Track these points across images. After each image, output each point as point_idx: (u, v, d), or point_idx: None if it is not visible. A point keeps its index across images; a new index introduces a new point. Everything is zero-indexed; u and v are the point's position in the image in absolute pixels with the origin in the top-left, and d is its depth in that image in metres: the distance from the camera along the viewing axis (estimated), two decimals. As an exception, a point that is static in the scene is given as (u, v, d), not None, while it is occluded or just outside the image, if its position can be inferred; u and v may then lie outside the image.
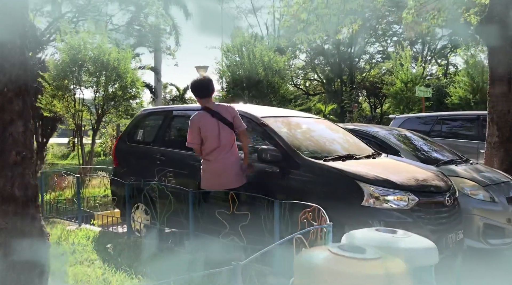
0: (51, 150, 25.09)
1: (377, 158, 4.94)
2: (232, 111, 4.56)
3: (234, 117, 4.54)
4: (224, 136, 4.47)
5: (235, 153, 4.56)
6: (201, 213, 4.60)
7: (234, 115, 4.55)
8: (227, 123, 4.48)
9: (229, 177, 4.46)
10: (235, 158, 4.53)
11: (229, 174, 4.47)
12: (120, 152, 6.35)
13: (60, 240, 5.11)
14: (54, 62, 10.76)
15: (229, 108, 4.59)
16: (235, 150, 4.57)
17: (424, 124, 9.52)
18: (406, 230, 3.87)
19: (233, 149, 4.55)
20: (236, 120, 4.53)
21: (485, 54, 21.63)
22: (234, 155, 4.54)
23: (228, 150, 4.50)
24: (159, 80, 26.01)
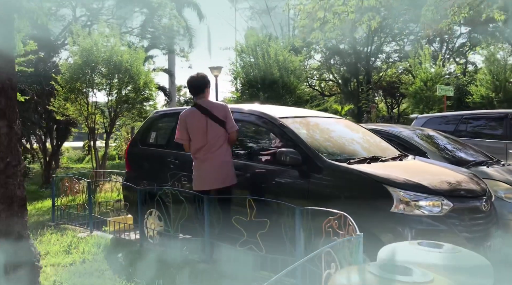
0: (67, 154, 25.17)
1: (404, 159, 4.61)
2: (224, 110, 4.48)
3: (227, 116, 4.46)
4: (212, 134, 4.39)
5: (225, 152, 4.44)
6: (217, 219, 4.32)
7: (226, 114, 4.46)
8: (218, 122, 4.40)
9: (217, 176, 4.38)
10: (224, 157, 4.42)
11: (218, 173, 4.38)
12: (132, 156, 6.12)
13: (70, 248, 4.89)
14: (67, 64, 10.63)
15: (221, 106, 4.52)
16: (225, 149, 4.45)
17: (448, 123, 9.10)
18: (439, 239, 3.57)
19: (223, 148, 4.43)
20: (229, 120, 4.46)
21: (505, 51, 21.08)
22: (223, 154, 4.42)
23: (216, 148, 4.40)
24: (173, 83, 25.92)
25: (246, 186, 4.59)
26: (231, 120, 4.47)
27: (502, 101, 17.14)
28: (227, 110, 4.48)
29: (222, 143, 4.43)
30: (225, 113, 4.46)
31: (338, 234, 3.15)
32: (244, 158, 4.79)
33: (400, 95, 32.47)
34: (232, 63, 14.26)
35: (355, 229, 2.80)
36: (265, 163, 4.57)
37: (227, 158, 4.45)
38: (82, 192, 6.66)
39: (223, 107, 4.50)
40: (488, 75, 17.85)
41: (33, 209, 7.96)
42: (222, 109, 4.48)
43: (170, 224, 4.79)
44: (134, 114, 10.82)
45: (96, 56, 10.11)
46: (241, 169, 4.63)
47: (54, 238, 5.42)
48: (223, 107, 4.50)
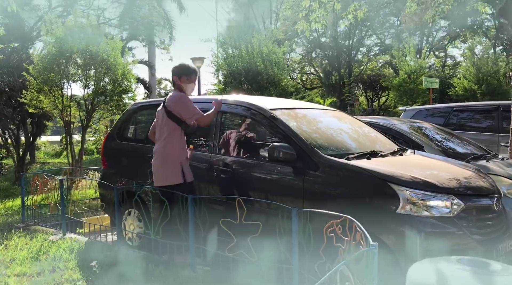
0: (44, 148, 24.35)
1: (404, 154, 4.28)
2: (173, 103, 4.17)
3: (179, 110, 4.15)
4: (161, 128, 4.25)
5: (170, 147, 4.18)
6: (203, 222, 3.92)
7: (177, 107, 4.15)
8: (169, 115, 4.17)
9: (159, 172, 4.21)
10: (164, 154, 4.18)
11: (159, 169, 4.21)
12: (109, 151, 5.65)
13: (40, 254, 4.43)
14: (40, 55, 10.01)
15: (173, 99, 4.20)
16: (171, 144, 4.18)
17: (437, 116, 8.86)
18: (449, 243, 3.25)
19: (168, 142, 4.19)
20: (183, 112, 4.14)
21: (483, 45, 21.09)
22: (164, 150, 4.19)
23: (161, 144, 4.22)
24: (154, 75, 25.25)
25: (233, 184, 4.20)
26: (186, 112, 4.13)
27: (485, 94, 17.10)
28: (176, 103, 4.16)
29: (168, 136, 4.19)
30: (174, 106, 4.15)
31: (342, 240, 2.79)
32: (230, 154, 4.39)
33: (380, 89, 32.50)
34: (214, 54, 13.78)
35: (365, 236, 2.44)
36: (254, 159, 4.19)
37: (169, 154, 4.16)
38: (55, 190, 6.17)
39: (173, 100, 4.19)
40: (471, 67, 17.79)
41: (2, 208, 7.42)
42: (172, 102, 4.18)
43: (151, 227, 4.37)
44: (112, 107, 10.27)
45: (71, 45, 9.52)
46: (227, 166, 4.25)
47: (22, 242, 4.93)
48: (173, 100, 4.19)
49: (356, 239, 2.62)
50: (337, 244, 2.83)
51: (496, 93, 17.05)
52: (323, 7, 11.32)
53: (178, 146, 4.18)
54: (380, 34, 34.29)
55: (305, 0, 11.48)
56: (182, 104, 4.15)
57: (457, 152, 5.48)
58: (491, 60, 17.76)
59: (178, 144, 4.18)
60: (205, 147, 4.62)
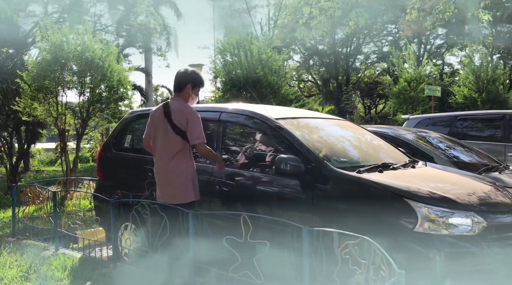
0: (38, 156, 24.03)
1: (416, 166, 4.06)
2: (185, 118, 3.75)
3: (188, 126, 3.73)
4: (166, 142, 3.83)
5: (180, 165, 3.81)
6: (205, 239, 3.68)
7: (187, 123, 3.73)
8: (175, 129, 3.77)
9: (164, 189, 3.88)
10: (178, 170, 3.81)
11: (165, 186, 3.87)
12: (104, 162, 5.40)
13: (30, 272, 4.16)
14: (34, 61, 9.76)
15: (183, 113, 3.78)
16: (181, 162, 3.82)
17: (441, 125, 8.68)
18: (471, 264, 3.02)
19: (177, 159, 3.81)
20: (190, 130, 3.73)
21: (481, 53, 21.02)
22: (177, 167, 3.81)
23: (168, 159, 3.81)
24: (150, 82, 25.03)
25: (237, 199, 3.97)
26: (194, 131, 3.72)
27: (485, 102, 16.98)
28: (190, 119, 3.74)
29: (175, 153, 3.80)
30: (185, 121, 3.74)
31: (359, 263, 2.56)
32: (233, 166, 4.17)
33: (378, 96, 32.42)
34: (213, 61, 13.59)
35: (388, 261, 2.21)
36: (259, 172, 3.96)
37: (181, 171, 3.81)
38: (47, 202, 5.91)
39: (185, 114, 3.77)
40: (470, 75, 17.67)
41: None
42: (183, 116, 3.76)
43: (148, 243, 4.12)
44: (108, 114, 10.02)
45: (66, 52, 9.29)
46: (230, 179, 4.02)
47: (12, 259, 4.66)
48: (185, 114, 3.77)
49: (376, 263, 2.39)
50: (353, 267, 2.60)
51: (497, 101, 16.95)
52: (324, 14, 11.19)
53: (189, 162, 3.86)
54: (377, 42, 34.33)
55: (306, 7, 11.35)
56: (196, 123, 3.75)
57: (468, 163, 5.28)
58: (490, 68, 17.66)
59: (189, 160, 3.86)
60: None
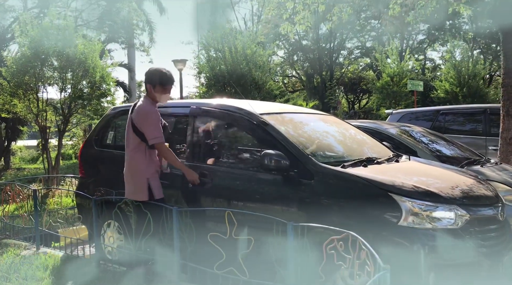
0: (19, 153, 23.61)
1: (400, 160, 4.08)
2: (138, 118, 3.80)
3: (142, 126, 3.79)
4: (127, 139, 3.95)
5: (135, 163, 3.90)
6: (189, 236, 3.65)
7: (141, 123, 3.79)
8: (134, 128, 3.84)
9: (128, 186, 3.98)
10: (131, 168, 3.92)
11: (128, 183, 3.97)
12: (86, 159, 5.31)
13: (10, 272, 4.07)
14: (14, 57, 9.56)
15: (138, 112, 3.82)
16: (136, 159, 3.89)
17: (424, 119, 8.76)
18: (454, 257, 3.05)
19: (133, 156, 3.90)
20: (145, 130, 3.78)
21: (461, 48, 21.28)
22: (131, 164, 3.92)
23: (128, 156, 3.94)
24: (133, 78, 24.78)
25: (220, 196, 3.93)
26: (147, 131, 3.77)
27: (466, 96, 17.21)
28: (143, 119, 3.77)
29: (132, 150, 3.90)
30: (139, 121, 3.78)
31: (344, 258, 2.56)
32: (216, 162, 4.13)
33: (361, 91, 32.62)
34: (196, 56, 13.48)
35: (372, 256, 2.21)
36: (243, 168, 3.93)
37: (136, 169, 3.89)
38: (28, 200, 5.80)
39: (140, 115, 3.80)
40: (452, 70, 17.88)
41: (-28, 220, 6.97)
42: (139, 116, 3.80)
43: (132, 240, 4.07)
44: (90, 111, 9.88)
45: (46, 47, 9.11)
46: (212, 175, 3.97)
47: (-9, 259, 4.57)
48: (140, 115, 3.80)
49: (361, 258, 2.39)
50: (338, 263, 2.59)
51: (477, 96, 17.19)
52: (307, 9, 11.18)
53: (143, 161, 3.87)
54: (360, 37, 34.48)
55: (289, 2, 11.34)
56: (148, 123, 3.77)
57: (450, 157, 5.34)
58: (471, 63, 17.89)
59: (143, 159, 3.87)
60: (187, 155, 4.32)
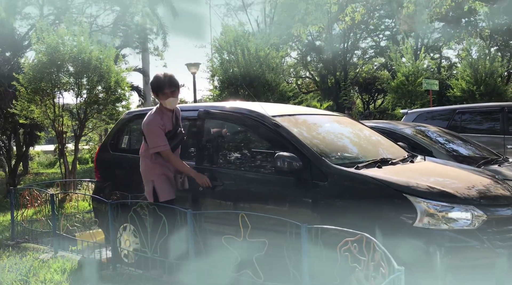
0: (37, 158, 23.99)
1: (415, 161, 4.04)
2: (143, 127, 3.99)
3: (144, 134, 3.98)
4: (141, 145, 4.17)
5: (142, 167, 4.11)
6: (204, 239, 3.66)
7: (144, 132, 3.99)
8: (143, 135, 4.04)
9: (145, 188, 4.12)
10: (141, 170, 4.13)
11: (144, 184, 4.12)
12: (102, 163, 5.37)
13: (29, 276, 4.14)
14: (31, 63, 9.72)
15: (144, 121, 4.02)
16: (143, 164, 4.10)
17: (440, 118, 8.65)
18: (472, 258, 3.00)
19: (141, 160, 4.13)
20: (147, 138, 3.97)
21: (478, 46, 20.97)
22: (141, 167, 4.13)
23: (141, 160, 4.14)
24: (148, 83, 24.98)
25: (234, 198, 3.94)
26: (149, 140, 3.93)
27: (484, 94, 16.93)
28: (145, 128, 3.95)
29: (142, 154, 4.11)
30: (143, 130, 3.98)
31: (359, 260, 2.54)
32: (229, 165, 4.14)
33: (376, 91, 32.35)
34: (210, 59, 13.54)
35: (387, 257, 2.19)
36: (256, 170, 3.94)
37: (143, 171, 4.10)
38: (46, 204, 5.88)
39: (143, 124, 3.99)
40: (468, 68, 17.62)
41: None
42: (142, 125, 4.00)
43: (147, 244, 4.10)
44: (105, 115, 9.99)
45: (62, 53, 9.26)
46: (225, 178, 3.98)
47: (11, 262, 4.65)
48: (143, 124, 3.99)
49: (375, 260, 2.37)
50: (353, 264, 2.57)
51: (495, 94, 16.90)
52: (320, 10, 11.16)
53: (149, 164, 4.02)
54: (375, 37, 34.23)
55: (302, 3, 11.33)
56: (148, 133, 3.94)
57: (466, 157, 5.26)
58: (488, 60, 17.60)
59: (149, 162, 4.02)
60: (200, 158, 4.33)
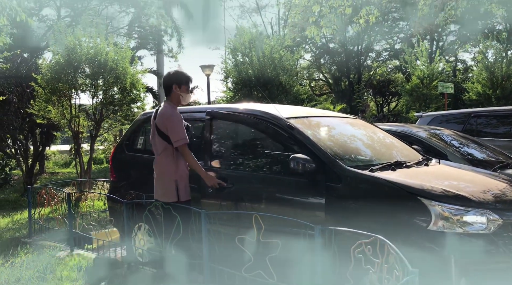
0: (53, 158, 24.34)
1: (430, 164, 4.02)
2: (163, 122, 3.93)
3: (167, 129, 3.91)
4: (153, 144, 4.08)
5: (162, 166, 4.01)
6: (218, 239, 3.69)
7: (166, 127, 3.91)
8: (158, 132, 3.97)
9: (157, 189, 4.07)
10: (160, 171, 4.03)
11: (157, 185, 4.06)
12: (117, 163, 5.45)
13: (46, 273, 4.22)
14: (48, 64, 9.89)
15: (162, 116, 3.94)
16: (163, 163, 4.00)
17: (455, 122, 8.57)
18: (488, 261, 2.99)
19: (161, 161, 4.02)
20: (170, 133, 3.90)
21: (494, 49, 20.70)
22: (160, 167, 4.03)
23: (157, 160, 4.05)
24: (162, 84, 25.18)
25: (246, 199, 3.97)
26: (172, 134, 3.89)
27: (500, 98, 16.72)
28: (167, 123, 3.91)
29: (159, 154, 4.02)
30: (164, 125, 3.92)
31: (373, 262, 2.55)
32: (243, 167, 4.17)
33: (390, 94, 32.12)
34: (224, 61, 13.60)
35: (401, 260, 2.20)
36: (270, 172, 3.96)
37: (164, 171, 4.00)
38: (62, 203, 5.98)
39: (163, 118, 3.94)
40: (484, 72, 17.42)
41: (10, 222, 7.25)
42: (163, 120, 3.94)
43: (161, 242, 4.15)
44: (121, 116, 10.12)
45: (79, 55, 9.41)
46: (239, 180, 4.01)
47: (28, 259, 4.74)
48: (163, 118, 3.94)
49: (389, 262, 2.38)
50: (366, 266, 2.58)
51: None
52: (334, 12, 11.14)
53: (172, 164, 3.97)
54: (389, 39, 34.01)
55: (315, 5, 11.32)
56: (171, 125, 3.90)
57: (482, 160, 5.22)
58: (505, 63, 17.38)
59: (172, 162, 3.97)
60: (213, 159, 4.37)
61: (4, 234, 6.35)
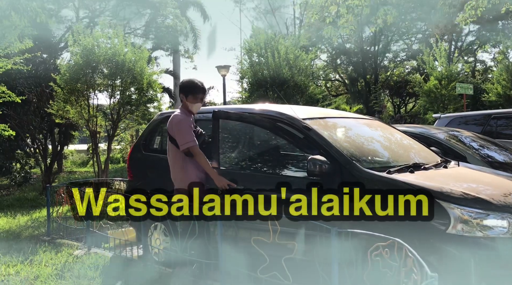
0: (71, 157, 24.66)
1: (449, 166, 3.96)
2: (171, 126, 4.05)
3: (174, 133, 4.01)
4: (167, 150, 4.21)
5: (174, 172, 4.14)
6: (233, 240, 3.69)
7: (173, 131, 4.03)
8: (169, 136, 4.10)
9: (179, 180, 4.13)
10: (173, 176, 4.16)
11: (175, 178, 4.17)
12: (134, 163, 5.49)
13: (64, 271, 4.27)
14: (67, 65, 10.03)
15: (172, 122, 4.05)
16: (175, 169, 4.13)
17: (474, 124, 8.43)
18: (509, 266, 2.93)
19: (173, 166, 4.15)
20: (177, 137, 4.00)
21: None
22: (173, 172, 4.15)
23: (170, 164, 4.19)
24: (178, 85, 25.31)
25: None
26: (178, 138, 3.99)
27: (521, 100, 16.41)
28: (173, 127, 4.01)
29: (172, 159, 4.14)
30: (171, 129, 4.03)
31: (390, 265, 2.52)
32: (259, 168, 4.16)
33: (407, 95, 31.75)
34: (240, 62, 13.62)
35: (420, 263, 2.16)
36: (286, 173, 3.95)
37: (175, 178, 4.14)
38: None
39: (171, 123, 4.06)
40: (504, 72, 17.10)
41: (29, 220, 7.37)
42: (170, 125, 4.06)
43: (177, 242, 4.16)
44: (137, 116, 10.20)
45: (97, 55, 9.52)
46: (255, 180, 4.00)
47: (47, 257, 4.81)
48: (171, 123, 4.06)
49: (407, 265, 2.35)
50: (384, 269, 2.55)
51: (534, 99, 16.37)
52: (351, 12, 11.06)
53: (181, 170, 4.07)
54: (406, 40, 33.63)
55: (333, 6, 11.25)
56: (178, 130, 3.99)
57: (502, 163, 5.12)
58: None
59: (181, 168, 4.07)
60: (229, 160, 4.37)
61: (24, 231, 6.45)
